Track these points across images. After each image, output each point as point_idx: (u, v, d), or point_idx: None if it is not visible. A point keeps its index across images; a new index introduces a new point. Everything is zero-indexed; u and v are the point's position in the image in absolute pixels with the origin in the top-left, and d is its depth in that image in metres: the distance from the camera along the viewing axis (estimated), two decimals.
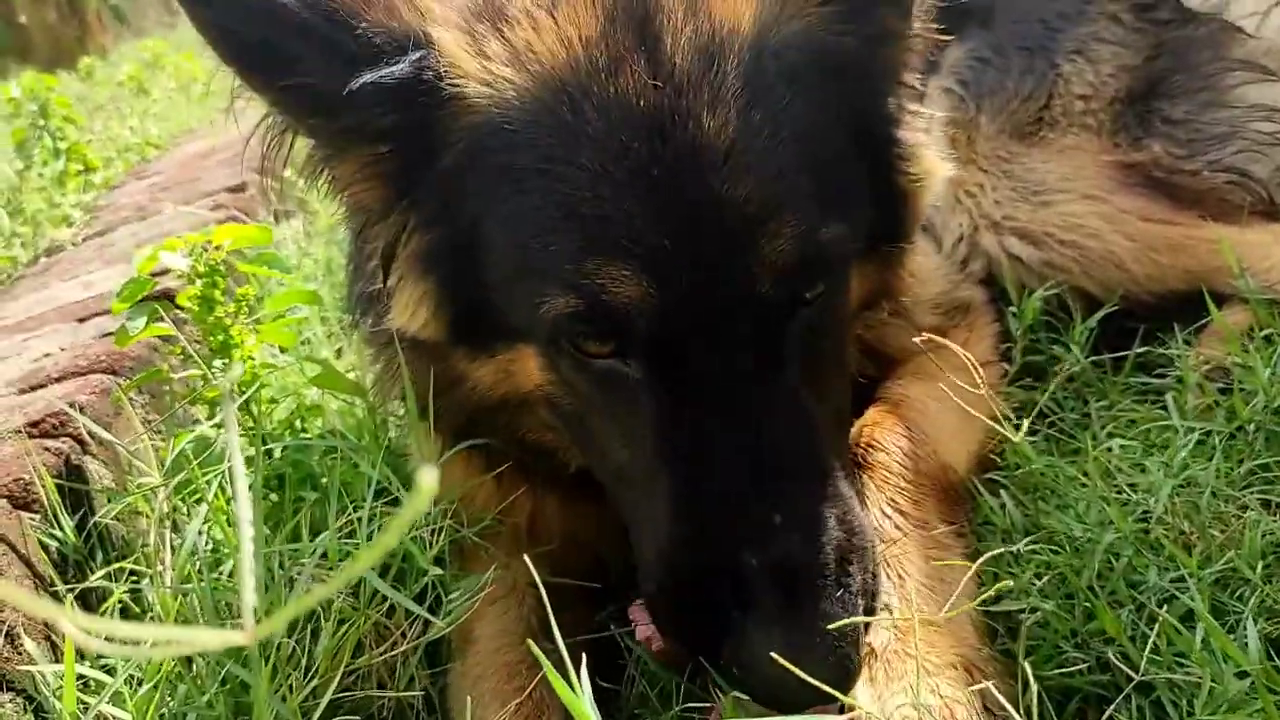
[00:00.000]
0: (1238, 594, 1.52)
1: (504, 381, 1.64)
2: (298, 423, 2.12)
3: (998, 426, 1.83)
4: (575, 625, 1.72)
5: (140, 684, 1.50)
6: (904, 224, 1.76)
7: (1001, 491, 1.82)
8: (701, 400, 1.42)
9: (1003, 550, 1.65)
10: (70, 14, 14.75)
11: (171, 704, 1.46)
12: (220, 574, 1.67)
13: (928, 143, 1.78)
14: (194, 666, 1.49)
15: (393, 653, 1.54)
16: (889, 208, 1.69)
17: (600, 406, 1.52)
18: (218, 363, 1.96)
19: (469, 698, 1.54)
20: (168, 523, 1.70)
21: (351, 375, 2.17)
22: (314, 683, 1.46)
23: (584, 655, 1.12)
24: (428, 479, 0.48)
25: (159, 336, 2.16)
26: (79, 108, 7.18)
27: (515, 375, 1.62)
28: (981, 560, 1.55)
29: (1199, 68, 2.70)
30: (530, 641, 1.05)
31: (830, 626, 1.32)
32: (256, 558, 1.49)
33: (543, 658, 0.93)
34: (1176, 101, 2.64)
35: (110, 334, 2.50)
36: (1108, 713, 1.38)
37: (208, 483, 1.72)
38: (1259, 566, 1.53)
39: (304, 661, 1.49)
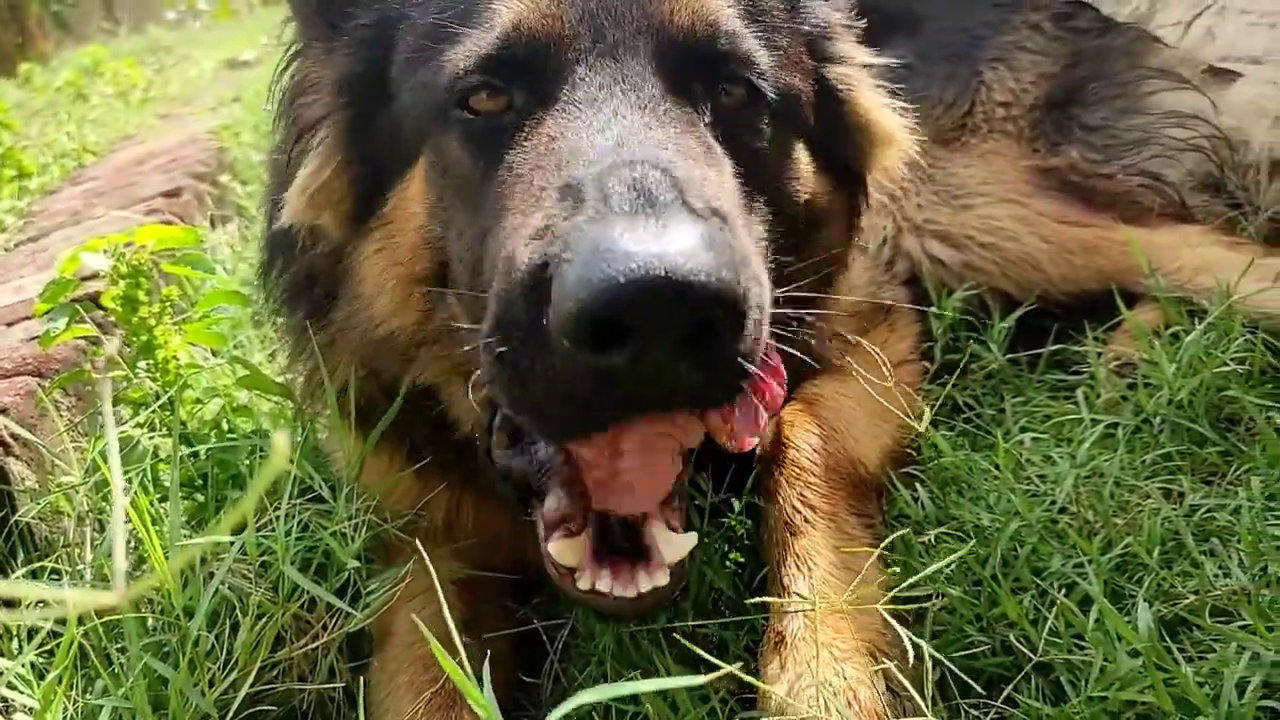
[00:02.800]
0: (1136, 578, 1.58)
1: (387, 250, 1.61)
2: (224, 423, 2.13)
3: (913, 423, 1.88)
4: (497, 619, 1.75)
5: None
6: (853, 153, 1.81)
7: (917, 485, 1.87)
8: (569, 121, 1.38)
9: (913, 540, 1.70)
10: (11, 20, 14.50)
11: (89, 697, 1.46)
12: (141, 571, 1.67)
13: (881, 100, 1.85)
14: (112, 661, 1.49)
15: (313, 645, 1.55)
16: (832, 120, 1.75)
17: (477, 180, 1.47)
18: (141, 363, 1.96)
19: (386, 690, 1.56)
20: (88, 521, 1.70)
21: (281, 379, 2.18)
22: (233, 676, 1.47)
23: (484, 643, 1.13)
24: (282, 440, 0.50)
25: (84, 338, 2.16)
26: (16, 113, 7.08)
27: (399, 224, 1.59)
28: (887, 544, 1.60)
29: (1116, 76, 2.79)
30: (427, 632, 1.04)
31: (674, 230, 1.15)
32: (177, 553, 1.50)
33: (438, 648, 0.94)
34: (1093, 108, 2.73)
35: (37, 337, 2.48)
36: (1006, 692, 1.43)
37: (129, 481, 1.72)
38: (1156, 552, 1.59)
39: (223, 656, 1.49)
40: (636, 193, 1.20)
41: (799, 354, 1.53)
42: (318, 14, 1.72)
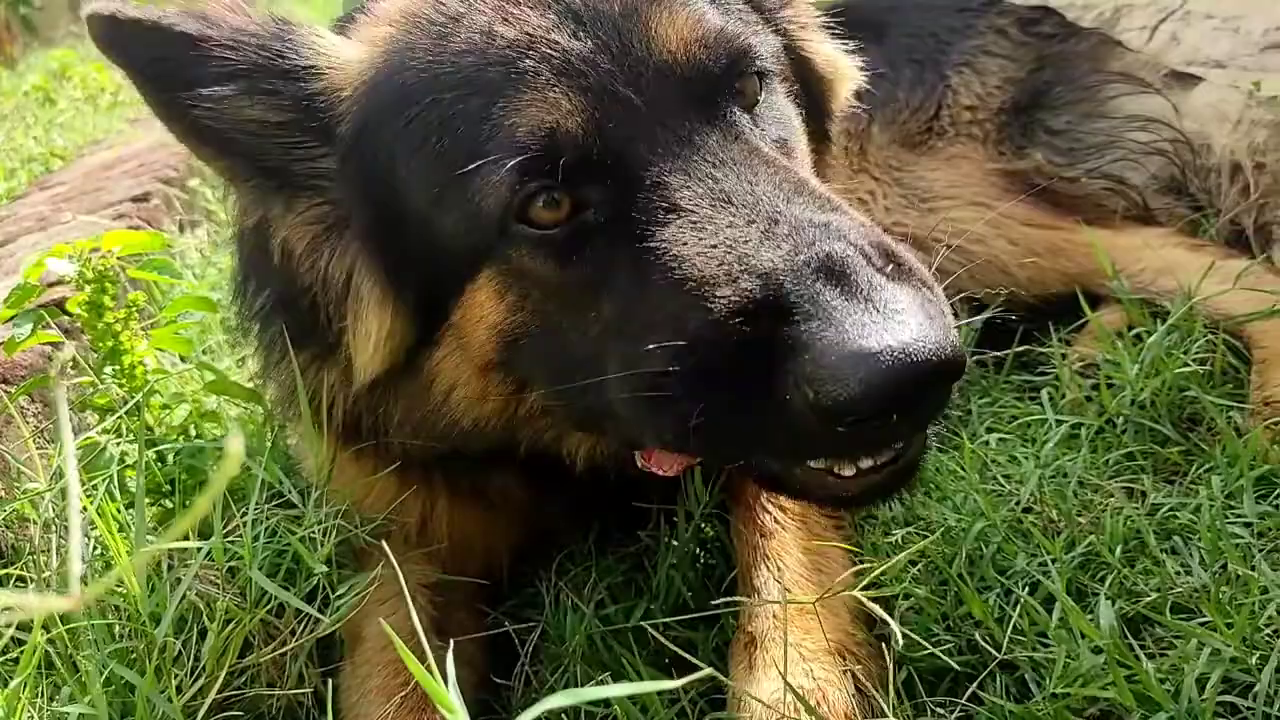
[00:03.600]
0: (1099, 576, 1.60)
1: (458, 350, 1.57)
2: (192, 429, 2.12)
3: None
4: (468, 623, 1.75)
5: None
6: (817, 95, 1.80)
7: None
8: (675, 194, 1.36)
9: (879, 541, 1.72)
10: None
11: (55, 705, 1.46)
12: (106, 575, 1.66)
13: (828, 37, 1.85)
14: (78, 667, 1.49)
15: (281, 651, 1.54)
16: (796, 67, 1.73)
17: (573, 290, 1.45)
18: (108, 369, 1.95)
19: (357, 694, 1.56)
20: (55, 528, 1.69)
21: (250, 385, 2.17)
22: (200, 682, 1.46)
23: (455, 647, 1.13)
24: (235, 446, 0.50)
25: (50, 344, 2.15)
26: None
27: (468, 327, 1.54)
28: (856, 546, 1.62)
29: (1079, 80, 2.82)
30: (394, 636, 1.03)
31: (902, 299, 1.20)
32: (143, 559, 1.50)
33: (405, 651, 0.94)
34: (1058, 112, 2.76)
35: (2, 343, 2.46)
36: (970, 689, 1.45)
37: (95, 487, 1.71)
38: (1118, 550, 1.61)
39: (190, 662, 1.49)
40: (828, 272, 1.24)
41: None
42: (259, 166, 1.59)
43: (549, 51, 1.42)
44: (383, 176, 1.52)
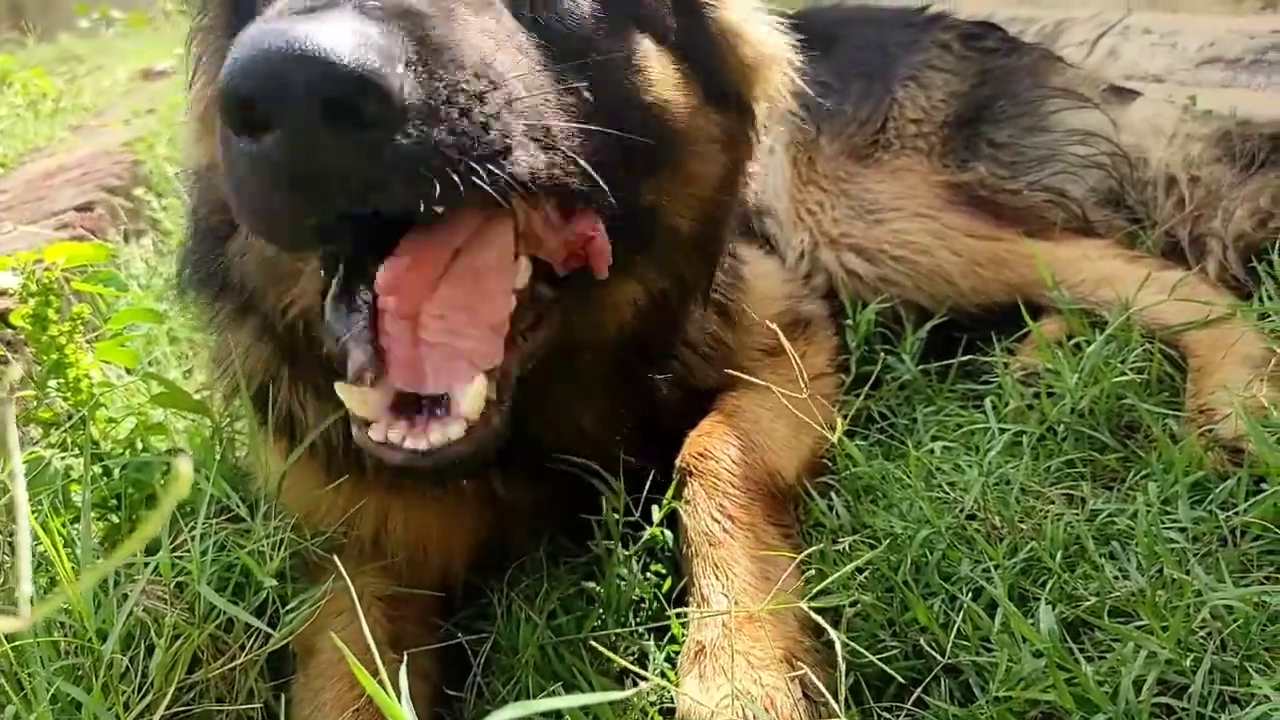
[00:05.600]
0: (1040, 581, 1.64)
1: None
2: (139, 442, 2.09)
3: (828, 434, 1.93)
4: (422, 634, 1.75)
5: None
6: (729, 73, 1.72)
7: (832, 494, 1.92)
8: None
9: (827, 549, 1.74)
10: None
11: None
12: (53, 593, 1.64)
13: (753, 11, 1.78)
14: (24, 685, 1.47)
15: (231, 666, 1.54)
16: (697, 33, 1.67)
17: None
18: (52, 382, 1.93)
19: (311, 707, 1.55)
20: None
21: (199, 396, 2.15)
22: (148, 698, 1.45)
23: (408, 659, 1.14)
24: (185, 466, 0.51)
25: None
26: None
27: None
28: (804, 555, 1.64)
29: (1021, 95, 2.88)
30: (345, 650, 1.03)
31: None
32: (88, 574, 1.48)
33: (356, 665, 0.94)
34: (1000, 126, 2.82)
35: None
36: (915, 694, 1.47)
37: (40, 502, 1.69)
38: (1058, 555, 1.65)
39: (138, 679, 1.48)
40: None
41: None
42: None
43: None
44: None
